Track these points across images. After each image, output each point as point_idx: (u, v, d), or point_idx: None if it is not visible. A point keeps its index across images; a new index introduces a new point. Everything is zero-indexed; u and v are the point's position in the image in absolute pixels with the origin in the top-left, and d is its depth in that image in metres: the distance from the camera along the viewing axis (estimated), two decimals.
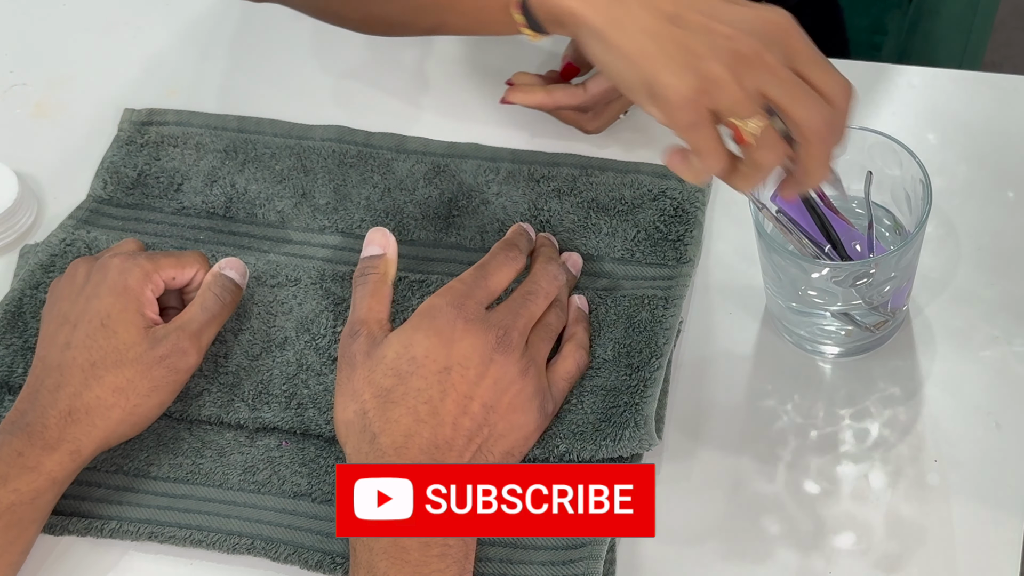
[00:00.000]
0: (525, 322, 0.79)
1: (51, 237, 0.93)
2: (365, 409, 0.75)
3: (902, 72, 0.99)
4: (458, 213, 0.92)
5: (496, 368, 0.77)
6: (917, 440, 0.79)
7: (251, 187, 0.95)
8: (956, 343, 0.83)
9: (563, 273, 0.84)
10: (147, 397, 0.79)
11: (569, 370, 0.81)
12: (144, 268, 0.83)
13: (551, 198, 0.91)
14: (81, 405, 0.78)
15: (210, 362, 0.85)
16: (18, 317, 0.88)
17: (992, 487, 0.77)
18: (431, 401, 0.75)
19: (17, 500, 0.75)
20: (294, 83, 1.04)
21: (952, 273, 0.86)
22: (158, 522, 0.80)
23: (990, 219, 0.88)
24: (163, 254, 0.85)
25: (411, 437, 0.74)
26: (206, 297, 0.83)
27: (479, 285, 0.80)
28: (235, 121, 1.00)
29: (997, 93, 0.96)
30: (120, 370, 0.79)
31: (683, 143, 0.69)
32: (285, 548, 0.78)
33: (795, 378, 0.83)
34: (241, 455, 0.82)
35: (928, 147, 0.92)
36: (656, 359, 0.81)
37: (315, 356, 0.85)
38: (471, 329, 0.77)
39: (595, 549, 0.74)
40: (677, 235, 0.88)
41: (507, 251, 0.83)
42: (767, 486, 0.78)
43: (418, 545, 0.70)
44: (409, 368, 0.76)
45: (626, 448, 0.77)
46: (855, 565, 0.75)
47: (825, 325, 0.81)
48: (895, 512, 0.76)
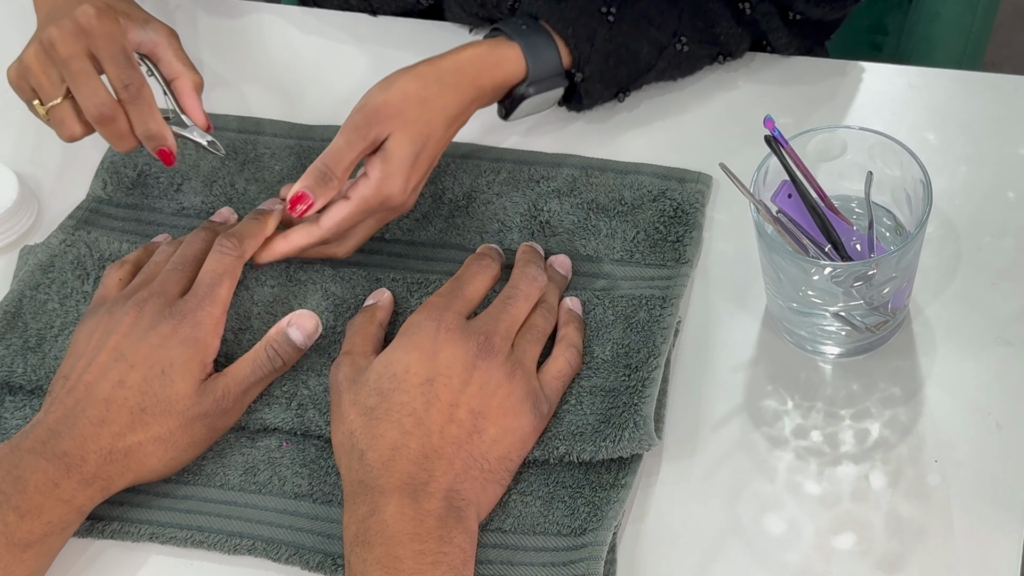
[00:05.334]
0: (507, 326, 0.80)
1: (51, 238, 0.93)
2: (351, 430, 0.76)
3: (902, 72, 0.99)
4: (458, 213, 0.92)
5: (480, 374, 0.77)
6: (917, 440, 0.79)
7: (251, 187, 0.95)
8: (956, 343, 0.83)
9: (543, 275, 0.84)
10: (184, 452, 0.79)
11: (561, 369, 0.81)
12: (214, 316, 0.81)
13: (551, 199, 0.91)
14: (122, 447, 0.77)
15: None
16: (17, 317, 0.88)
17: (992, 487, 0.77)
18: (415, 413, 0.75)
19: (49, 531, 0.75)
20: (294, 83, 1.04)
21: (952, 273, 0.86)
22: (159, 523, 0.80)
23: (990, 219, 0.88)
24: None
25: (398, 450, 0.74)
26: (259, 356, 0.81)
27: (456, 296, 0.81)
28: (235, 121, 1.00)
29: (997, 93, 0.96)
30: (166, 420, 0.78)
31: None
32: (286, 549, 0.78)
33: (795, 378, 0.83)
34: (242, 456, 0.82)
35: (928, 147, 0.92)
36: (654, 359, 0.81)
37: (315, 356, 0.85)
38: (452, 338, 0.77)
39: (595, 549, 0.74)
40: (676, 236, 0.88)
41: (479, 260, 0.85)
42: (767, 486, 0.78)
43: (412, 554, 0.70)
44: (391, 385, 0.76)
45: (626, 449, 0.77)
46: (855, 565, 0.75)
47: (825, 325, 0.81)
48: (895, 512, 0.76)
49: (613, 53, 0.90)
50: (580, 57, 0.89)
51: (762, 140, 0.76)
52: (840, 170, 0.81)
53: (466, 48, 0.88)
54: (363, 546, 0.71)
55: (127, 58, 0.84)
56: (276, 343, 0.81)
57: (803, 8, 0.94)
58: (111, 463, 0.77)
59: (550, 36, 0.89)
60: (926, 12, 1.23)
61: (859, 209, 0.82)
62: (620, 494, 0.77)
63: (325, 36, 1.06)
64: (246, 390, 0.81)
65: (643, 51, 0.92)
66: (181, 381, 0.78)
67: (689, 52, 0.94)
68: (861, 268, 0.75)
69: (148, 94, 0.84)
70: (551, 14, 0.90)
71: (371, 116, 0.83)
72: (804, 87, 0.97)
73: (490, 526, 0.77)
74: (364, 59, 1.04)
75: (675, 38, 0.93)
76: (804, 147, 0.79)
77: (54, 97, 0.84)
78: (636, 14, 0.91)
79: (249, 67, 1.05)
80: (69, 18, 0.84)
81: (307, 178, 0.82)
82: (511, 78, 0.89)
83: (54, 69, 0.84)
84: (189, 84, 0.87)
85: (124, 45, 0.84)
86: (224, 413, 0.80)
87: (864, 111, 0.95)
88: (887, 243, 0.81)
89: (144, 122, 0.83)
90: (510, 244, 0.89)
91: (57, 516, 0.75)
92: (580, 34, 0.90)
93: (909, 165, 0.77)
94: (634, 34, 0.91)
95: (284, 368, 0.82)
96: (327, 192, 0.82)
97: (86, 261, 0.90)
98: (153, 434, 0.77)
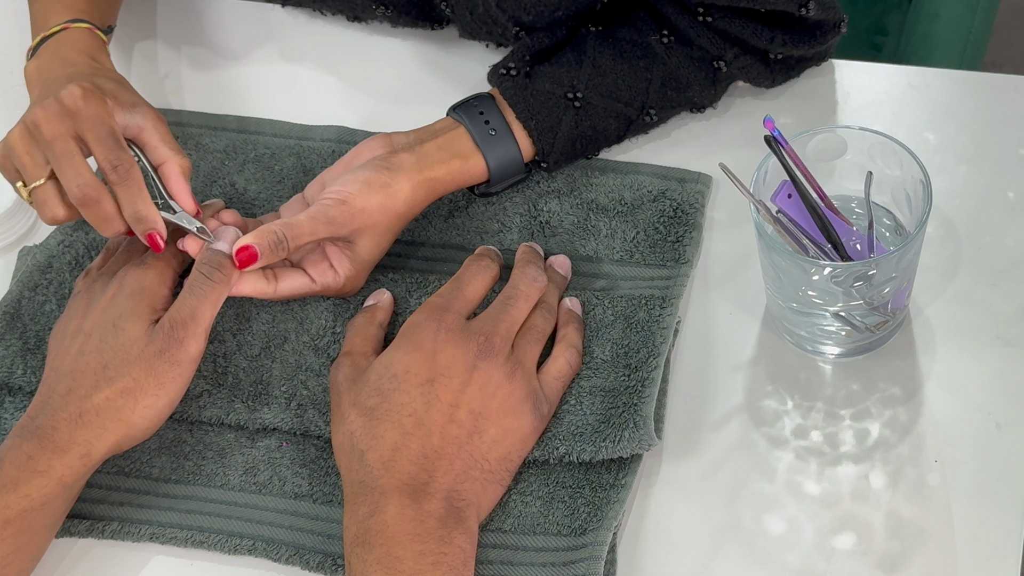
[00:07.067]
0: (507, 327, 0.80)
1: (49, 239, 0.93)
2: (352, 430, 0.76)
3: (902, 72, 0.98)
4: (458, 213, 0.92)
5: (480, 374, 0.77)
6: (917, 440, 0.79)
7: (251, 187, 0.95)
8: (956, 343, 0.83)
9: (543, 275, 0.84)
10: (156, 397, 0.79)
11: (561, 369, 0.81)
12: (159, 269, 0.82)
13: (551, 199, 0.91)
14: (91, 407, 0.77)
15: (209, 362, 0.85)
16: (16, 318, 0.88)
17: (992, 487, 0.77)
18: (415, 413, 0.75)
19: (28, 506, 0.75)
20: (294, 83, 1.04)
21: (952, 273, 0.86)
22: (159, 523, 0.80)
23: (990, 219, 0.88)
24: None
25: (399, 450, 0.74)
26: (195, 279, 0.81)
27: (456, 297, 0.81)
28: (235, 121, 1.00)
29: (997, 93, 0.96)
30: (127, 369, 0.78)
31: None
32: (286, 549, 0.78)
33: (795, 378, 0.83)
34: (242, 456, 0.82)
35: (928, 147, 0.92)
36: (654, 359, 0.81)
37: (314, 356, 0.85)
38: (452, 339, 0.77)
39: (595, 549, 0.74)
40: (676, 236, 0.88)
41: (479, 261, 0.85)
42: (767, 486, 0.78)
43: (412, 554, 0.70)
44: (391, 385, 0.76)
45: (626, 449, 0.77)
46: (855, 565, 0.75)
47: (825, 325, 0.81)
48: (895, 512, 0.76)
49: (579, 137, 0.90)
50: (544, 149, 0.89)
51: (762, 140, 0.76)
52: (840, 170, 0.81)
53: (444, 162, 0.87)
54: (363, 546, 0.71)
55: (115, 139, 0.82)
56: (206, 259, 0.81)
57: (782, 49, 0.91)
58: (83, 426, 0.77)
59: (515, 141, 0.88)
60: (926, 12, 1.23)
61: (859, 209, 0.82)
62: (620, 494, 0.77)
63: (326, 36, 1.06)
64: (193, 315, 0.80)
65: (610, 128, 0.91)
66: (131, 326, 0.79)
67: (659, 120, 0.93)
68: (861, 268, 0.75)
69: (138, 175, 0.81)
70: (518, 100, 0.89)
71: (349, 218, 0.83)
72: (804, 87, 0.97)
73: (490, 526, 0.77)
74: (365, 60, 1.04)
75: (643, 112, 0.92)
76: (804, 147, 0.79)
77: (37, 178, 0.82)
78: (604, 92, 0.90)
79: (250, 67, 1.05)
80: (54, 98, 0.82)
81: (262, 238, 0.81)
82: (473, 183, 0.89)
83: (38, 150, 0.82)
84: (177, 169, 0.85)
85: (112, 126, 0.82)
86: (180, 343, 0.79)
87: (864, 111, 0.95)
88: (887, 243, 0.81)
89: (133, 203, 0.81)
90: (510, 244, 0.89)
91: (35, 488, 0.75)
92: (544, 125, 0.89)
93: (909, 165, 0.77)
94: (601, 115, 0.90)
95: (226, 282, 0.81)
96: (273, 258, 0.82)
97: (84, 262, 0.90)
98: (119, 387, 0.78)
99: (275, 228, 0.81)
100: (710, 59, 0.92)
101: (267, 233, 0.81)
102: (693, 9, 0.90)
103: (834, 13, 0.90)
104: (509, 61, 0.90)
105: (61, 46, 0.90)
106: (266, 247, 0.81)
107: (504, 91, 0.89)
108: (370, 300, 0.86)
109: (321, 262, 0.85)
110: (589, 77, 0.89)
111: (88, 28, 0.92)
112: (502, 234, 0.90)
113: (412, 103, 1.00)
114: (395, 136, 0.89)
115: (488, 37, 0.99)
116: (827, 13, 0.89)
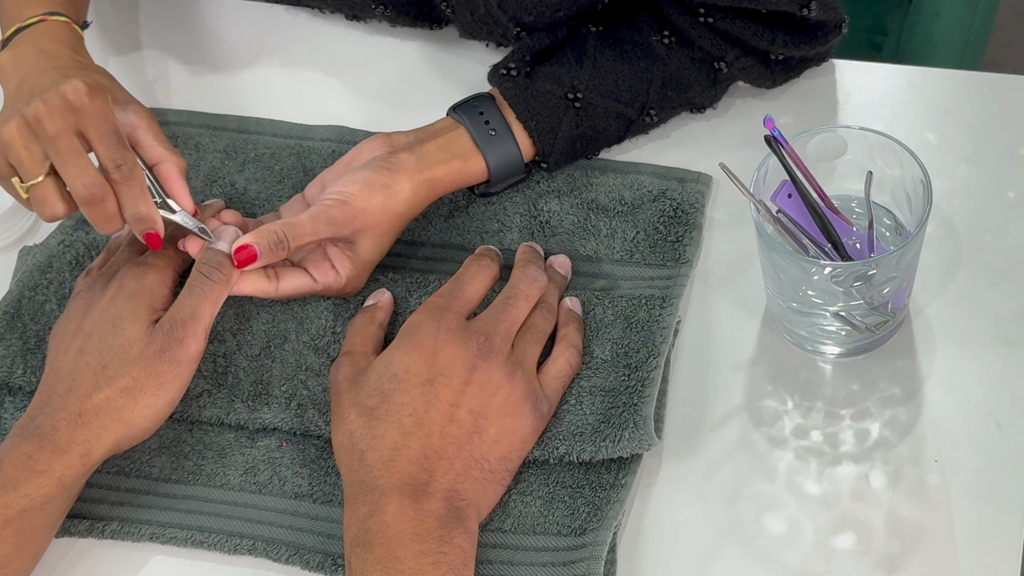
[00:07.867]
0: (507, 327, 0.80)
1: (49, 239, 0.93)
2: (352, 430, 0.76)
3: (902, 72, 0.98)
4: (458, 213, 0.92)
5: (480, 374, 0.77)
6: (917, 440, 0.79)
7: (251, 187, 0.95)
8: (956, 343, 0.83)
9: (543, 275, 0.84)
10: (156, 396, 0.79)
11: (561, 369, 0.81)
12: (159, 269, 0.82)
13: (551, 199, 0.91)
14: (91, 407, 0.77)
15: (209, 362, 0.85)
16: (17, 318, 0.88)
17: (992, 487, 0.77)
18: (415, 413, 0.75)
19: (28, 505, 0.75)
20: (294, 83, 1.04)
21: (952, 273, 0.86)
22: (159, 523, 0.80)
23: (990, 219, 0.88)
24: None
25: (399, 450, 0.74)
26: (195, 279, 0.81)
27: (456, 297, 0.81)
28: (235, 121, 1.00)
29: (997, 93, 0.96)
30: (127, 369, 0.78)
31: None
32: (286, 549, 0.78)
33: (795, 378, 0.83)
34: (242, 456, 0.82)
35: (928, 147, 0.92)
36: (654, 359, 0.81)
37: (314, 356, 0.85)
38: (452, 339, 0.77)
39: (595, 549, 0.74)
40: (676, 236, 0.88)
41: (478, 261, 0.85)
42: (767, 486, 0.78)
43: (412, 554, 0.70)
44: (391, 385, 0.76)
45: (626, 448, 0.77)
46: (855, 565, 0.75)
47: (825, 325, 0.81)
48: (895, 512, 0.76)
49: (580, 137, 0.90)
50: (544, 149, 0.89)
51: (762, 140, 0.76)
52: (840, 170, 0.81)
53: (445, 162, 0.87)
54: (363, 546, 0.71)
55: (119, 138, 0.81)
56: (206, 259, 0.81)
57: (783, 50, 0.91)
58: (83, 426, 0.77)
59: (515, 141, 0.88)
60: (926, 12, 1.23)
61: (859, 209, 0.82)
62: (620, 494, 0.77)
63: (326, 36, 1.06)
64: (193, 315, 0.80)
65: (611, 128, 0.91)
66: (131, 326, 0.79)
67: (659, 120, 0.93)
68: (861, 268, 0.75)
69: (140, 175, 0.81)
70: (518, 100, 0.89)
71: (350, 219, 0.83)
72: (804, 87, 0.97)
73: (490, 526, 0.77)
74: (366, 60, 1.04)
75: (644, 112, 0.91)
76: (804, 147, 0.79)
77: (36, 175, 0.80)
78: (604, 92, 0.90)
79: (250, 67, 1.05)
80: (57, 93, 0.80)
81: (262, 238, 0.81)
82: (473, 183, 0.89)
83: (37, 146, 0.80)
84: (174, 168, 0.84)
85: (115, 125, 0.81)
86: (180, 343, 0.79)
87: (864, 111, 0.95)
88: (887, 243, 0.81)
89: (135, 203, 0.80)
90: (510, 244, 0.89)
91: (34, 488, 0.75)
92: (544, 125, 0.89)
93: (909, 165, 0.77)
94: (601, 115, 0.90)
95: (225, 282, 0.81)
96: (273, 258, 0.82)
97: (84, 262, 0.90)
98: (119, 387, 0.78)
99: (276, 228, 0.81)
100: (711, 60, 0.92)
101: (267, 233, 0.81)
102: (694, 10, 0.90)
103: (835, 14, 0.90)
104: (509, 61, 0.90)
105: (39, 37, 0.89)
106: (266, 247, 0.81)
107: (504, 91, 0.89)
108: (370, 300, 0.86)
109: (323, 262, 0.85)
110: (589, 77, 0.89)
111: (66, 22, 0.91)
112: (502, 234, 0.90)
113: (412, 103, 1.00)
114: (395, 136, 0.89)
115: (489, 37, 1.00)
116: (828, 14, 0.89)
